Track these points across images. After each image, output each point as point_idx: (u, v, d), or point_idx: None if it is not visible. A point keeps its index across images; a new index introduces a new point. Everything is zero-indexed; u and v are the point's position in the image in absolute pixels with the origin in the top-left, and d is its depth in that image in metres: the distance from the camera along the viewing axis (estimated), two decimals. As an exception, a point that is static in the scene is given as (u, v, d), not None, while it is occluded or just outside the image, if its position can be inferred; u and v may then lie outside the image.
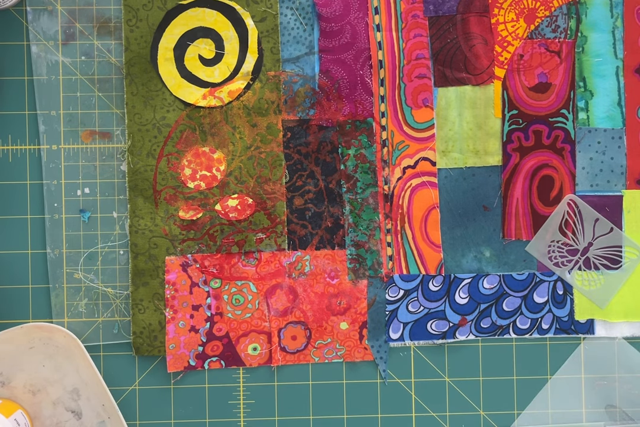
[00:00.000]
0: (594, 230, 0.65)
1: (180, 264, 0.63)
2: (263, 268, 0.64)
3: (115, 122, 0.64)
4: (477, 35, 0.64)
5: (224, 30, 0.63)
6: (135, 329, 0.63)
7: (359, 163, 0.64)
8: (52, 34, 0.63)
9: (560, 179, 0.65)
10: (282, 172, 0.64)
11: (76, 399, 0.62)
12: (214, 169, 0.64)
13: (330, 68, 0.64)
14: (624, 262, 0.65)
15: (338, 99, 0.64)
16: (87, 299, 0.64)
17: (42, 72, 0.63)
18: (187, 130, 0.64)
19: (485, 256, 0.65)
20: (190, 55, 0.63)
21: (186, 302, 0.63)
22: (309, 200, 0.64)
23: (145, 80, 0.63)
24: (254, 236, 0.64)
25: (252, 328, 0.64)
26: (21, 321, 0.64)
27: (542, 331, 0.65)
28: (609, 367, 0.65)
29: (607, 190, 0.65)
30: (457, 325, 0.65)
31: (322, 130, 0.64)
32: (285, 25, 0.64)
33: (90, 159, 0.64)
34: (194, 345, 0.64)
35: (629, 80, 0.65)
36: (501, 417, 0.65)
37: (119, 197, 0.64)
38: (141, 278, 0.63)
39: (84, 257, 0.64)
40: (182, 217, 0.64)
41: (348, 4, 0.64)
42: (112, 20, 0.64)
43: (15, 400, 0.62)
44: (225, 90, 0.64)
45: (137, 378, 0.64)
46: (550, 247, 0.65)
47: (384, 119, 0.64)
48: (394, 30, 0.64)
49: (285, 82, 0.64)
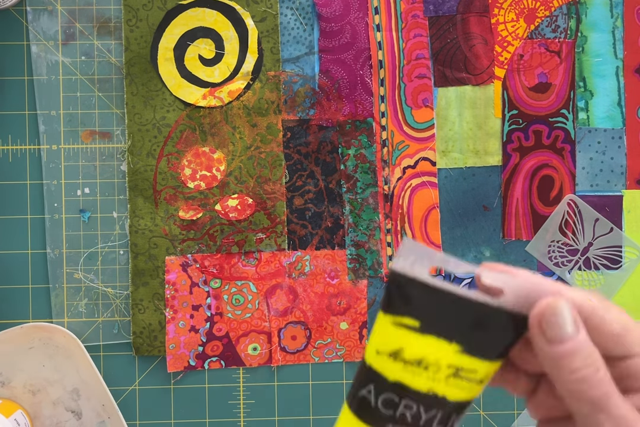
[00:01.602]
0: (594, 230, 0.65)
1: (180, 264, 0.63)
2: (263, 268, 0.64)
3: (115, 122, 0.64)
4: (477, 35, 0.64)
5: (224, 30, 0.63)
6: (135, 329, 0.63)
7: (359, 163, 0.64)
8: (52, 34, 0.63)
9: (560, 179, 0.65)
10: (282, 172, 0.64)
11: (76, 399, 0.62)
12: (214, 169, 0.64)
13: (330, 68, 0.64)
14: (624, 262, 0.65)
15: (338, 99, 0.64)
16: (87, 299, 0.64)
17: (42, 72, 0.63)
18: (187, 130, 0.64)
19: (485, 256, 0.64)
20: (190, 55, 0.63)
21: (186, 302, 0.63)
22: (309, 200, 0.64)
23: (145, 80, 0.63)
24: (254, 236, 0.64)
25: (252, 328, 0.64)
26: (21, 321, 0.64)
27: (542, 331, 0.65)
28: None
29: (607, 190, 0.65)
30: (457, 325, 0.65)
31: (322, 130, 0.64)
32: (285, 25, 0.64)
33: (90, 159, 0.64)
34: (194, 345, 0.64)
35: (629, 80, 0.65)
36: (501, 417, 0.65)
37: (119, 197, 0.64)
38: (141, 278, 0.63)
39: (84, 257, 0.64)
40: (182, 217, 0.64)
41: (348, 4, 0.63)
42: (112, 20, 0.64)
43: (15, 400, 0.62)
44: (225, 90, 0.64)
45: (137, 378, 0.64)
46: (550, 247, 0.65)
47: (384, 119, 0.64)
48: (394, 30, 0.64)
49: (285, 82, 0.64)
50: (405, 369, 0.30)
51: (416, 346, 0.30)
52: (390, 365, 0.30)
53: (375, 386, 0.31)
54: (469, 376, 0.30)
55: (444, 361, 0.30)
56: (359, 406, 0.32)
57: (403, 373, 0.30)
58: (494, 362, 0.30)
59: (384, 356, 0.30)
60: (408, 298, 0.30)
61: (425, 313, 0.30)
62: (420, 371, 0.30)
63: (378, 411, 0.31)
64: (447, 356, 0.29)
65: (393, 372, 0.30)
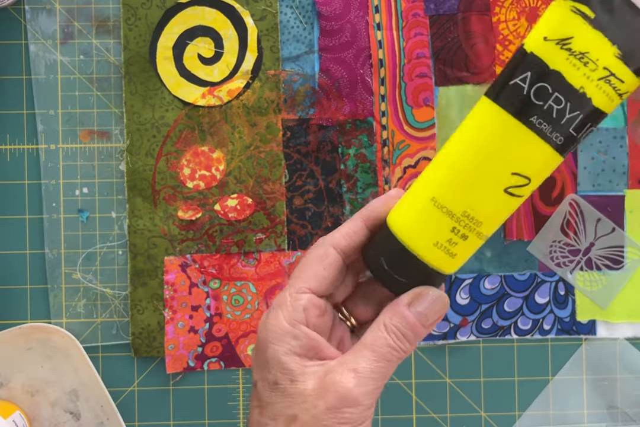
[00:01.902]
0: (595, 230, 0.64)
1: (179, 264, 0.63)
2: (263, 268, 0.64)
3: (114, 121, 0.64)
4: (478, 34, 0.64)
5: (224, 29, 0.63)
6: (134, 329, 0.63)
7: (359, 163, 0.64)
8: (50, 33, 0.63)
9: (562, 178, 0.65)
10: (281, 172, 0.64)
11: (75, 400, 0.62)
12: (213, 168, 0.63)
13: (330, 67, 0.64)
14: (625, 262, 0.65)
15: (338, 98, 0.64)
16: (86, 300, 0.63)
17: (41, 71, 0.63)
18: (186, 130, 0.63)
19: (487, 256, 0.64)
20: (189, 54, 0.63)
21: (185, 303, 0.63)
22: (308, 200, 0.64)
23: (144, 79, 0.63)
24: (253, 236, 0.64)
25: (251, 329, 0.64)
26: (19, 322, 0.63)
27: (543, 331, 0.65)
28: (611, 368, 0.65)
29: (609, 190, 0.65)
30: (458, 326, 0.64)
31: (322, 130, 0.64)
32: (285, 24, 0.64)
33: (88, 159, 0.64)
34: (193, 346, 0.63)
35: (631, 79, 0.65)
36: (502, 419, 0.65)
37: (118, 197, 0.64)
38: (140, 278, 0.63)
39: (82, 258, 0.63)
40: (181, 217, 0.63)
41: (348, 3, 0.63)
42: (110, 19, 0.63)
43: (13, 401, 0.62)
44: (224, 89, 0.63)
45: (135, 379, 0.64)
46: (551, 248, 0.64)
47: (384, 118, 0.64)
48: (395, 29, 0.64)
49: (285, 81, 0.64)
50: (567, 60, 0.32)
51: (585, 38, 0.31)
52: (555, 52, 0.32)
53: (532, 73, 0.32)
54: (616, 84, 0.32)
55: (603, 61, 0.31)
56: (507, 95, 0.33)
57: (565, 64, 0.32)
58: (638, 79, 0.32)
59: (552, 43, 0.32)
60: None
61: (603, 8, 0.31)
62: (580, 64, 0.32)
63: (529, 100, 0.32)
64: (607, 57, 0.31)
65: (556, 61, 0.32)
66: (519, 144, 0.33)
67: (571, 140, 0.33)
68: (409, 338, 0.36)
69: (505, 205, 0.35)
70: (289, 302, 0.38)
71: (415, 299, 0.36)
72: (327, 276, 0.39)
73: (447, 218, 0.35)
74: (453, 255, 0.36)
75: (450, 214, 0.35)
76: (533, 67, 0.32)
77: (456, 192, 0.35)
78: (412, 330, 0.36)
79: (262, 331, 0.38)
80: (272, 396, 0.36)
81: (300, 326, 0.37)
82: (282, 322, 0.37)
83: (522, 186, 0.34)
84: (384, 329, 0.36)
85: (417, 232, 0.36)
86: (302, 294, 0.38)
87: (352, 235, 0.39)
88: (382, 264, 0.38)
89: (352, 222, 0.40)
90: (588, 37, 0.31)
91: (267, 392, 0.37)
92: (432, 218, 0.36)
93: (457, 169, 0.35)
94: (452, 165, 0.35)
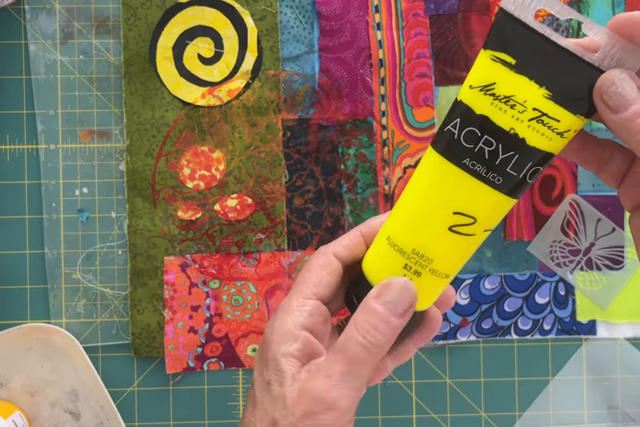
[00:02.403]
0: (596, 230, 0.64)
1: (179, 264, 0.63)
2: (262, 268, 0.64)
3: (114, 121, 0.63)
4: (478, 34, 0.64)
5: (223, 28, 0.63)
6: (133, 329, 0.63)
7: (359, 163, 0.64)
8: (50, 33, 0.63)
9: (562, 178, 0.65)
10: (281, 172, 0.64)
11: (74, 400, 0.62)
12: (213, 168, 0.63)
13: (330, 67, 0.63)
14: (626, 262, 0.65)
15: (338, 98, 0.64)
16: (86, 300, 0.63)
17: (40, 71, 0.63)
18: (186, 130, 0.63)
19: (487, 256, 0.64)
20: (189, 54, 0.63)
21: (185, 303, 0.63)
22: (308, 200, 0.64)
23: (143, 79, 0.63)
24: (253, 236, 0.63)
25: (251, 329, 0.64)
26: (19, 322, 0.63)
27: (543, 331, 0.64)
28: (611, 369, 0.65)
29: (609, 190, 0.65)
30: (458, 326, 0.64)
31: (322, 130, 0.64)
32: (284, 24, 0.64)
33: (88, 159, 0.63)
34: (193, 346, 0.63)
35: (631, 79, 0.65)
36: (502, 419, 0.65)
37: (118, 197, 0.64)
38: (140, 278, 0.63)
39: (82, 258, 0.63)
40: (181, 217, 0.63)
41: (348, 3, 0.63)
42: (110, 19, 0.63)
43: (13, 401, 0.62)
44: (224, 89, 0.63)
45: (135, 379, 0.64)
46: (552, 248, 0.64)
47: (384, 118, 0.64)
48: (395, 28, 0.64)
49: (284, 81, 0.64)
50: (493, 104, 0.32)
51: (508, 83, 0.32)
52: (480, 98, 0.33)
53: (461, 119, 0.33)
54: (551, 124, 0.32)
55: (531, 102, 0.32)
56: (442, 141, 0.34)
57: (490, 108, 0.32)
58: (577, 117, 0.32)
59: (475, 90, 0.33)
60: (510, 37, 0.32)
61: (523, 53, 0.32)
62: (507, 108, 0.32)
63: (460, 144, 0.33)
64: (535, 98, 0.32)
65: (481, 106, 0.33)
66: (456, 185, 0.34)
67: (513, 180, 0.33)
68: (381, 330, 0.36)
69: (455, 243, 0.36)
70: (296, 306, 0.38)
71: (381, 290, 0.36)
72: (331, 281, 0.40)
73: (399, 255, 0.37)
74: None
75: (402, 252, 0.37)
76: (461, 114, 0.33)
77: (406, 231, 0.37)
78: (383, 321, 0.36)
79: (268, 332, 0.39)
80: (262, 396, 0.37)
81: (303, 331, 0.38)
82: (288, 325, 0.38)
83: (468, 225, 0.35)
84: (354, 327, 0.36)
85: (376, 269, 0.38)
86: (309, 300, 0.39)
87: (352, 247, 0.41)
88: (353, 298, 0.40)
89: (351, 234, 0.42)
90: (512, 81, 0.32)
91: (260, 391, 0.38)
92: (387, 255, 0.37)
93: (406, 210, 0.37)
94: (403, 206, 0.37)
